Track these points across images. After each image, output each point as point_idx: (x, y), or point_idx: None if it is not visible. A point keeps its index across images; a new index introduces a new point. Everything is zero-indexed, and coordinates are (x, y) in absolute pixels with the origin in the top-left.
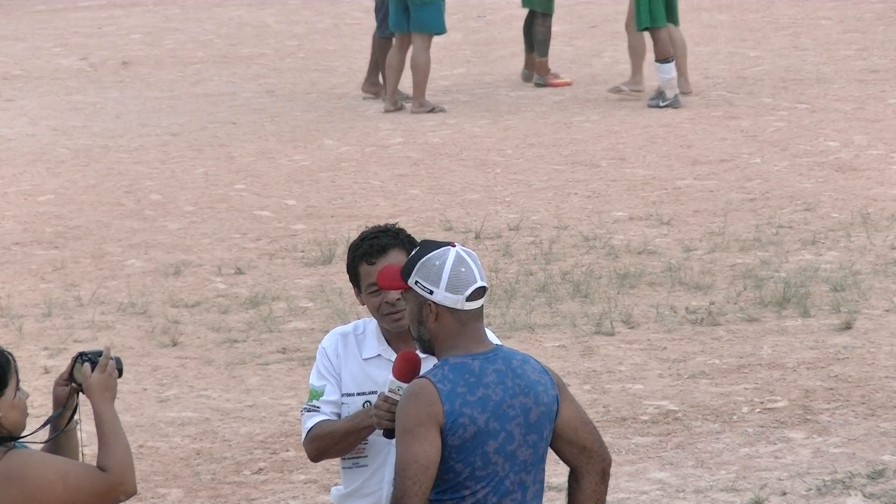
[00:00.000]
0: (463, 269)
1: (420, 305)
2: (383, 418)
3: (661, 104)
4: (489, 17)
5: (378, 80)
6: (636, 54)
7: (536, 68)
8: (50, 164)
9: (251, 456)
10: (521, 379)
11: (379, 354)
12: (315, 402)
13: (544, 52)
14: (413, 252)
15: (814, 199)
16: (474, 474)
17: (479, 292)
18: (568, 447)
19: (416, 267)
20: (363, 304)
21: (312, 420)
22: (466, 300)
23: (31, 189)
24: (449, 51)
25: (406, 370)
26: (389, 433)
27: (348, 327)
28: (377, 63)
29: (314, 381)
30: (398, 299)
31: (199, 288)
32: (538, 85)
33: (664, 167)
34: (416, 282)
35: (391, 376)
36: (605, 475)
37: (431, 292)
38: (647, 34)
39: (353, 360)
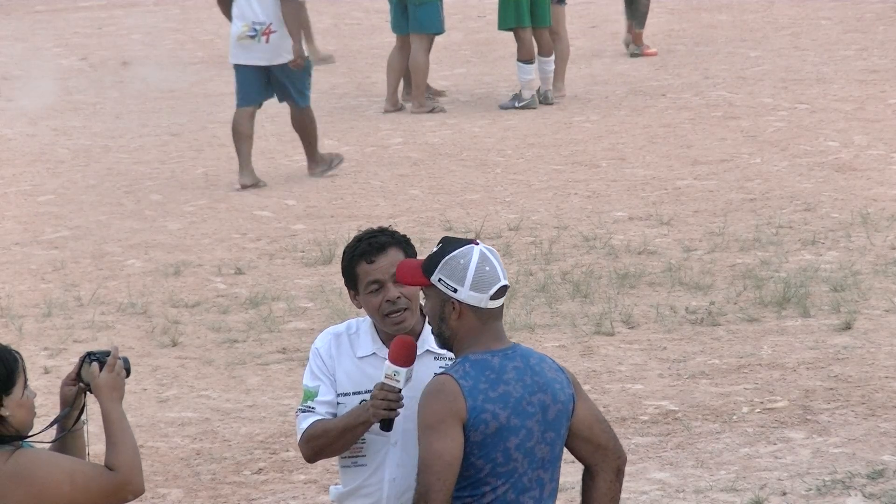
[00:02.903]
0: (487, 268)
1: (443, 303)
2: (380, 407)
3: (518, 105)
4: (489, 17)
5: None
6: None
7: (634, 39)
8: (50, 164)
9: (251, 456)
10: (539, 376)
11: (374, 353)
12: (309, 403)
13: (642, 25)
14: (435, 249)
15: (814, 199)
16: (495, 470)
17: (502, 291)
18: (583, 445)
19: (440, 265)
20: (360, 307)
21: (307, 420)
22: (490, 299)
23: (31, 189)
24: (449, 51)
25: (402, 354)
26: (387, 424)
27: (341, 327)
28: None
29: (308, 381)
30: (399, 297)
31: (199, 288)
32: (633, 55)
33: (664, 167)
34: (440, 279)
35: (387, 362)
36: (619, 473)
37: (456, 290)
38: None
39: (347, 359)
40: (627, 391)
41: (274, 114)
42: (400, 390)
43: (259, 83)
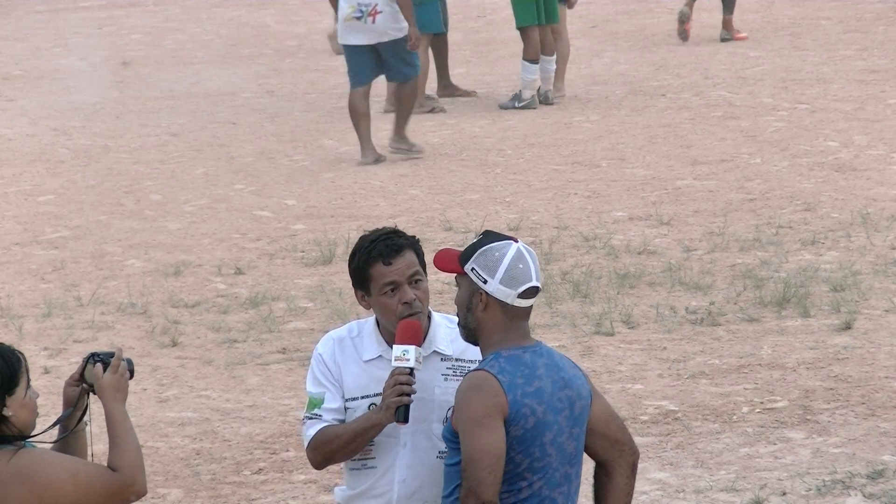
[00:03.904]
0: (521, 266)
1: (472, 293)
2: (393, 394)
3: (518, 105)
4: (489, 17)
5: (451, 81)
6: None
7: (724, 24)
8: (50, 164)
9: (251, 456)
10: (564, 373)
11: (380, 355)
12: (316, 411)
13: (731, 10)
14: (475, 240)
15: (814, 199)
16: (532, 465)
17: (532, 292)
18: (599, 441)
19: (476, 255)
20: (367, 308)
21: (315, 427)
22: (518, 296)
23: (31, 189)
24: (449, 51)
25: (409, 335)
26: (403, 414)
27: (342, 331)
28: (445, 64)
29: (312, 388)
30: (414, 299)
31: (199, 288)
32: (724, 40)
33: (664, 167)
34: (473, 269)
35: (395, 344)
36: (634, 468)
37: (486, 282)
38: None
39: (353, 363)
40: (627, 391)
41: (274, 114)
42: (411, 371)
43: (369, 62)
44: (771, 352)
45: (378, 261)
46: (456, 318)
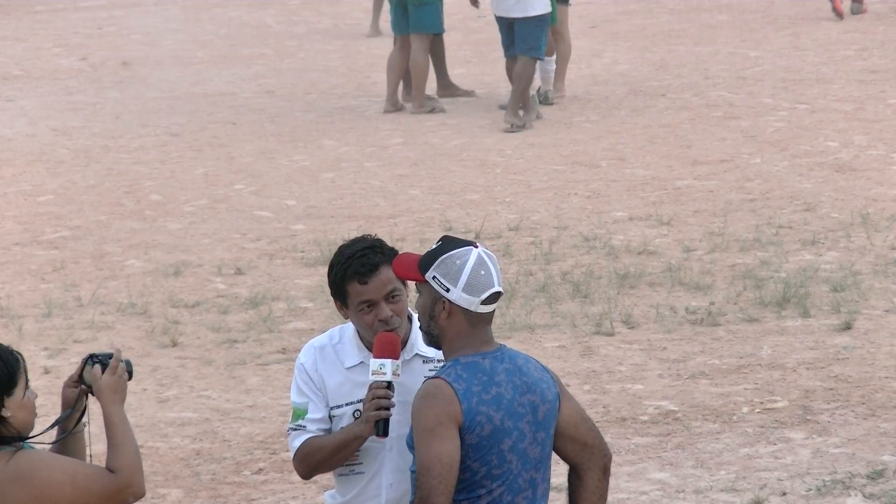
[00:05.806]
0: (483, 272)
1: (434, 300)
2: (372, 409)
3: None
4: (489, 17)
5: (451, 81)
6: (562, 60)
7: None
8: (50, 164)
9: (251, 456)
10: (528, 377)
11: (361, 362)
12: (300, 422)
13: None
14: (434, 246)
15: (814, 199)
16: (490, 473)
17: (495, 297)
18: (569, 444)
19: (437, 262)
20: (346, 318)
21: (299, 439)
22: (481, 303)
23: (31, 189)
24: (449, 51)
25: (386, 348)
26: (383, 428)
27: (323, 338)
28: (443, 64)
29: (295, 398)
30: (391, 316)
31: (199, 288)
32: (855, 13)
33: (664, 167)
34: (434, 277)
35: (372, 358)
36: (606, 471)
37: (448, 290)
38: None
39: (335, 371)
40: (627, 391)
41: (274, 114)
42: (389, 384)
43: (508, 35)
44: (771, 352)
45: (353, 280)
46: None
